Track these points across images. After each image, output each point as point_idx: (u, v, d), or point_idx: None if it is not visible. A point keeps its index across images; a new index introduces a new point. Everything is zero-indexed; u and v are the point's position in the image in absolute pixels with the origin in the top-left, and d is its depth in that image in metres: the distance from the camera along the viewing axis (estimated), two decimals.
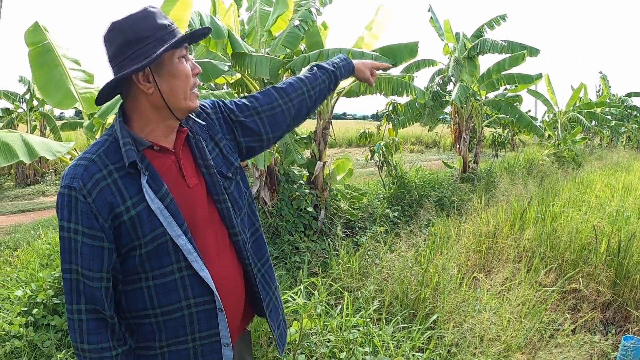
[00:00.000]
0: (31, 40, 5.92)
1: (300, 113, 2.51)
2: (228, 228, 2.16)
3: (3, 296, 5.45)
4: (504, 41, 12.65)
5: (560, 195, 9.54)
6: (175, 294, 1.98)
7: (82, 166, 1.90)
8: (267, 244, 7.12)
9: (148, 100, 1.98)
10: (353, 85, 8.90)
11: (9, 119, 18.36)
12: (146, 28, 1.92)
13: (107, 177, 1.90)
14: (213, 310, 2.03)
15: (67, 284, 1.90)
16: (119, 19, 1.93)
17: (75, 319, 1.90)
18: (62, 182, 1.90)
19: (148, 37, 1.92)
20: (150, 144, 2.00)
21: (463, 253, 6.46)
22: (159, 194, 1.95)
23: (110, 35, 1.93)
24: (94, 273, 1.88)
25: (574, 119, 21.19)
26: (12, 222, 11.57)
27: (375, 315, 4.91)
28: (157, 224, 1.93)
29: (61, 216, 1.89)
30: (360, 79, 2.79)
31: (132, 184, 1.92)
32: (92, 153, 1.94)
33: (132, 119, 2.02)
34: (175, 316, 1.99)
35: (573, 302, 5.65)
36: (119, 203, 1.89)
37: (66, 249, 1.89)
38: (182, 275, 1.98)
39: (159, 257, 1.95)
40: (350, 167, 9.56)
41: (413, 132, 35.64)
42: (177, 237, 1.95)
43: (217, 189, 2.13)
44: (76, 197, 1.86)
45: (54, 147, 4.92)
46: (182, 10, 5.87)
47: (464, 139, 13.94)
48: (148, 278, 1.96)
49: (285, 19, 8.14)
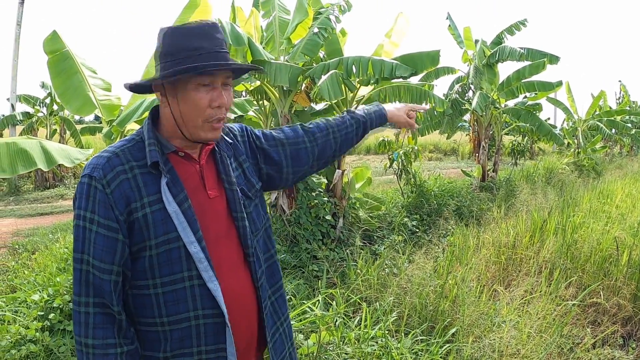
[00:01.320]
0: (50, 49, 5.98)
1: (323, 154, 2.51)
2: (243, 247, 2.14)
3: (20, 300, 5.48)
4: (523, 48, 12.57)
5: (580, 206, 9.46)
6: (184, 304, 1.96)
7: (105, 157, 1.92)
8: (285, 252, 7.17)
9: (165, 113, 2.03)
10: (373, 94, 8.88)
11: (29, 122, 18.49)
12: (179, 45, 1.93)
13: (128, 172, 1.92)
14: (221, 325, 2.00)
15: (76, 274, 1.90)
16: (169, 26, 1.97)
17: (81, 311, 1.88)
18: (84, 170, 1.93)
19: (178, 54, 1.92)
20: (175, 149, 2.02)
21: (482, 264, 6.41)
22: (177, 198, 1.95)
23: (162, 39, 1.97)
24: (105, 265, 1.87)
25: (594, 127, 21.02)
26: (30, 225, 11.64)
27: (393, 328, 4.88)
28: (171, 228, 1.93)
29: (78, 204, 1.91)
30: (399, 125, 2.75)
31: (151, 183, 1.94)
32: (117, 147, 1.98)
33: (161, 124, 2.05)
34: (182, 326, 1.97)
35: (593, 316, 5.59)
36: (135, 198, 1.91)
37: (80, 237, 1.89)
38: (192, 285, 1.96)
39: (170, 264, 1.94)
40: (369, 176, 9.53)
41: (431, 139, 35.49)
42: (190, 244, 1.94)
43: (237, 205, 2.13)
44: (95, 187, 1.88)
45: (72, 154, 4.94)
46: (201, 18, 5.86)
47: (483, 147, 13.87)
48: (157, 285, 1.94)
49: (305, 26, 8.15)
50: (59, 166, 18.76)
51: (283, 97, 8.35)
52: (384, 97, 8.85)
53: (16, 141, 4.61)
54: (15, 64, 16.80)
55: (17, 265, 7.49)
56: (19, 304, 5.41)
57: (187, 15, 5.80)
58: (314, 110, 9.36)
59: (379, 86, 8.71)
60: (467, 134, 19.19)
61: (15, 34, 16.56)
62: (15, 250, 8.94)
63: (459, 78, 14.66)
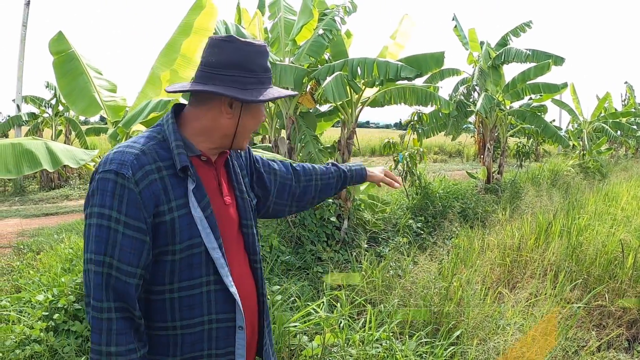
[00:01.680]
0: (55, 49, 5.99)
1: (303, 197, 2.58)
2: (250, 254, 2.20)
3: (25, 300, 5.48)
4: (528, 50, 12.54)
5: (585, 208, 9.43)
6: (199, 309, 1.96)
7: (133, 154, 1.87)
8: (290, 253, 7.18)
9: (219, 122, 2.01)
10: (378, 95, 8.89)
11: (35, 123, 18.49)
12: (256, 63, 1.99)
13: (156, 172, 1.89)
14: (232, 329, 2.03)
15: (97, 277, 1.79)
16: (241, 38, 1.97)
17: (103, 318, 1.78)
18: (107, 166, 1.85)
19: (252, 71, 1.98)
20: (199, 153, 2.02)
21: (487, 266, 6.40)
22: (201, 203, 1.96)
23: (224, 45, 1.97)
24: (131, 268, 1.82)
25: (599, 129, 20.97)
26: (35, 225, 11.63)
27: (397, 330, 4.88)
28: (195, 233, 1.93)
29: (101, 202, 1.81)
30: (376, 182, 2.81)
31: (178, 187, 1.93)
32: (142, 144, 1.93)
33: (188, 125, 2.03)
34: (195, 331, 1.97)
35: (598, 319, 5.58)
36: (163, 201, 1.88)
37: (102, 239, 1.80)
38: (209, 290, 1.97)
39: (191, 269, 1.94)
40: None
41: (436, 141, 35.43)
42: (213, 250, 1.95)
43: (247, 213, 2.18)
44: (124, 185, 1.81)
45: (77, 155, 4.94)
46: (207, 19, 5.88)
47: (488, 149, 13.85)
48: (174, 290, 1.93)
49: (310, 28, 8.15)
50: (64, 167, 18.80)
51: (288, 99, 8.35)
52: (389, 98, 8.86)
53: (22, 142, 4.61)
54: (21, 65, 16.83)
55: (22, 265, 7.49)
56: (23, 304, 5.41)
57: (193, 16, 5.79)
58: (318, 111, 9.36)
59: (384, 88, 8.71)
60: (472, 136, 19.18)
61: (21, 35, 16.59)
62: (20, 250, 8.94)
63: (463, 80, 14.64)
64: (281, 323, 4.59)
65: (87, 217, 1.85)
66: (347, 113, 8.86)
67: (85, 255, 1.84)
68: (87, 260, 1.83)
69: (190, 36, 5.74)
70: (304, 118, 8.48)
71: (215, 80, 1.95)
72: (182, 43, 5.70)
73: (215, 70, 1.96)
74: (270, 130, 9.37)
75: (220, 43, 1.97)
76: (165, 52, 5.87)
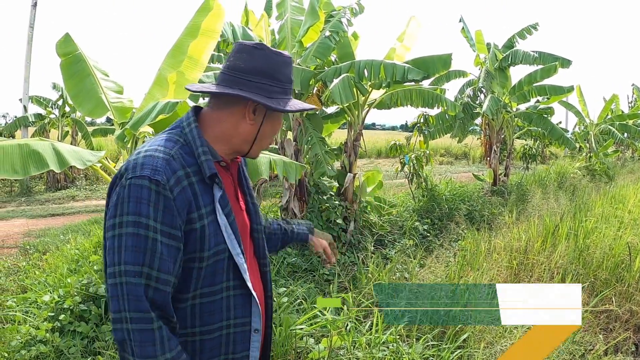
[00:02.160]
0: (62, 51, 6.00)
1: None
2: (260, 258, 2.20)
3: (31, 300, 5.49)
4: (535, 52, 12.53)
5: (592, 211, 9.40)
6: (218, 314, 1.96)
7: (164, 160, 1.83)
8: (296, 255, 7.18)
9: (241, 127, 2.01)
10: (384, 97, 8.88)
11: (41, 124, 18.53)
12: (283, 73, 2.00)
13: (186, 178, 1.86)
14: (247, 332, 2.03)
15: (136, 289, 1.73)
16: (270, 47, 1.99)
17: (154, 328, 1.73)
18: (139, 171, 1.79)
19: (279, 80, 1.99)
20: (221, 159, 2.01)
21: (494, 269, 6.38)
22: (225, 210, 1.95)
23: (254, 52, 1.97)
24: (169, 277, 1.80)
25: (606, 131, 20.93)
26: (41, 225, 11.67)
27: (404, 333, 4.86)
28: (220, 240, 1.92)
29: (136, 210, 1.75)
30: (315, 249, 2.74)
31: (206, 193, 1.91)
32: (170, 148, 1.89)
33: (208, 129, 2.01)
34: (214, 336, 1.97)
35: (605, 323, 5.55)
36: (194, 208, 1.86)
37: (140, 248, 1.74)
38: (229, 295, 1.97)
39: (214, 275, 1.93)
40: (380, 179, 9.51)
41: (442, 143, 35.36)
42: (237, 256, 1.95)
43: (257, 218, 2.19)
44: (159, 192, 1.77)
45: (84, 156, 4.93)
46: (214, 21, 5.88)
47: (495, 151, 13.83)
48: (196, 297, 1.92)
49: (317, 29, 8.14)
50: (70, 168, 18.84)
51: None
52: (396, 100, 8.85)
53: (28, 142, 4.61)
54: (28, 66, 16.89)
55: (28, 266, 7.51)
56: (29, 305, 5.43)
57: (200, 18, 5.79)
58: (325, 113, 9.36)
59: (390, 90, 8.71)
60: (478, 138, 19.16)
61: (28, 36, 16.65)
62: (27, 250, 8.97)
63: (470, 81, 14.62)
64: (287, 325, 4.58)
65: (117, 226, 1.77)
66: (353, 115, 8.86)
67: (115, 267, 1.76)
68: (119, 272, 1.75)
69: (197, 38, 5.74)
70: (311, 120, 8.48)
71: (241, 85, 1.94)
72: (189, 45, 5.70)
73: (243, 75, 1.95)
74: None
75: (250, 49, 1.97)
76: (172, 53, 5.86)
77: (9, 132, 18.04)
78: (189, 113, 2.03)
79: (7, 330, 4.80)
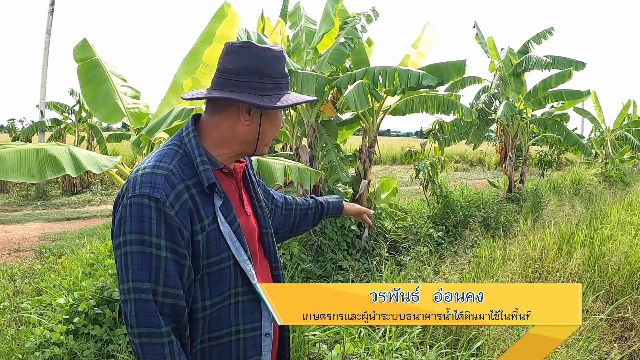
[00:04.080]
0: (80, 56, 6.04)
1: (283, 225, 2.60)
2: (271, 262, 2.19)
3: (45, 303, 5.53)
4: (548, 57, 12.48)
5: (608, 218, 9.33)
6: (227, 320, 1.96)
7: (162, 176, 1.83)
8: (310, 261, 7.18)
9: (238, 129, 1.98)
10: (399, 103, 8.87)
11: (58, 129, 18.66)
12: (274, 68, 1.96)
13: (185, 192, 1.85)
14: (258, 337, 2.03)
15: (147, 305, 1.75)
16: (257, 43, 1.96)
17: (164, 343, 1.75)
18: (138, 190, 1.80)
19: (270, 77, 1.95)
20: (222, 166, 2.00)
21: (509, 277, 6.35)
22: (228, 218, 1.94)
23: (241, 51, 1.95)
24: (177, 290, 1.80)
25: (622, 137, 20.76)
26: (57, 229, 11.75)
27: (418, 340, 4.85)
28: (223, 248, 1.92)
29: (139, 229, 1.77)
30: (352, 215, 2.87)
31: (206, 204, 1.90)
32: (168, 163, 1.89)
33: (207, 136, 2.00)
34: (223, 342, 1.97)
35: (620, 331, 5.52)
36: (196, 220, 1.86)
37: (145, 265, 1.76)
38: (237, 301, 1.97)
39: (221, 283, 1.93)
40: (395, 186, 9.50)
41: (457, 150, 35.24)
42: (244, 262, 1.95)
43: (266, 222, 2.18)
44: (159, 209, 1.78)
45: (100, 161, 4.96)
46: (229, 28, 5.90)
47: (510, 157, 13.77)
48: (206, 307, 1.91)
49: (332, 36, 8.16)
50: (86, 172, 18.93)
51: (309, 107, 8.37)
52: (411, 106, 8.84)
53: (45, 147, 4.64)
54: (45, 72, 17.02)
55: (43, 269, 7.56)
56: (44, 307, 5.47)
57: (216, 25, 5.81)
58: (340, 119, 9.37)
59: (405, 96, 8.70)
60: (493, 144, 19.06)
61: (45, 43, 16.78)
62: (42, 253, 9.04)
63: (485, 88, 14.56)
64: (301, 331, 4.58)
65: (122, 245, 1.79)
66: (368, 121, 8.86)
67: (124, 285, 1.78)
68: (127, 290, 1.78)
69: (212, 44, 5.76)
70: (325, 126, 8.49)
71: (232, 87, 1.93)
72: (205, 51, 5.72)
73: (232, 77, 1.94)
74: (291, 138, 9.39)
75: (236, 49, 1.96)
76: (188, 60, 5.89)
77: (25, 137, 18.19)
78: (188, 122, 2.03)
79: (22, 332, 4.84)
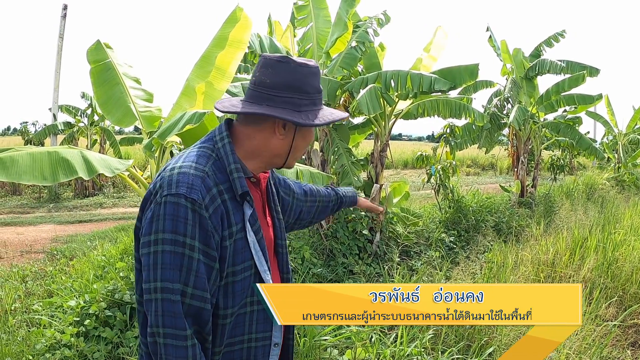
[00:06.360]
0: (93, 58, 6.05)
1: (305, 216, 2.61)
2: (283, 272, 2.19)
3: (56, 305, 5.55)
4: (562, 61, 12.41)
5: (621, 222, 9.29)
6: (240, 328, 1.96)
7: (199, 177, 1.83)
8: (321, 266, 7.17)
9: (271, 142, 1.98)
10: (411, 108, 8.86)
11: (70, 132, 18.73)
12: (310, 84, 1.97)
13: (219, 196, 1.85)
14: (267, 347, 2.04)
15: (173, 306, 1.75)
16: (294, 58, 1.95)
17: (188, 345, 1.74)
18: (174, 189, 1.78)
19: (306, 93, 1.95)
20: (252, 175, 2.01)
21: (521, 282, 6.32)
22: (254, 227, 1.95)
23: (279, 66, 1.94)
24: (205, 293, 1.79)
25: (635, 140, 20.69)
26: (69, 232, 11.77)
27: (429, 345, 4.83)
28: (247, 256, 1.92)
29: (173, 228, 1.75)
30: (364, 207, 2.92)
31: (237, 211, 1.91)
32: (203, 165, 1.88)
33: (240, 144, 1.99)
34: (234, 349, 1.97)
35: (634, 337, 5.48)
36: (226, 226, 1.86)
37: (177, 266, 1.75)
38: (252, 310, 1.97)
39: (242, 292, 1.93)
40: (406, 190, 9.47)
41: (469, 154, 35.10)
42: (264, 272, 1.96)
43: (282, 234, 2.18)
44: (195, 210, 1.77)
45: (113, 164, 4.98)
46: (242, 32, 5.89)
47: (522, 162, 13.70)
48: (227, 315, 1.91)
49: (344, 40, 8.16)
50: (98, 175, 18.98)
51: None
52: (423, 111, 8.82)
53: (58, 150, 4.66)
54: (58, 75, 17.07)
55: (54, 271, 7.60)
56: (55, 309, 5.49)
57: (228, 29, 5.81)
58: (351, 124, 9.36)
59: (417, 100, 8.68)
60: (505, 149, 19.00)
61: (58, 47, 16.84)
62: (54, 255, 9.06)
63: (497, 92, 14.51)
64: (312, 336, 4.57)
65: (154, 243, 1.78)
66: (380, 125, 8.85)
67: (151, 283, 1.78)
68: (156, 289, 1.77)
69: (224, 49, 5.75)
70: (337, 130, 8.48)
71: (268, 101, 1.92)
72: (217, 55, 5.72)
73: (268, 91, 1.93)
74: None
75: (274, 63, 1.93)
76: (200, 64, 5.89)
77: (38, 140, 18.28)
78: (221, 127, 2.01)
79: (33, 334, 4.87)
